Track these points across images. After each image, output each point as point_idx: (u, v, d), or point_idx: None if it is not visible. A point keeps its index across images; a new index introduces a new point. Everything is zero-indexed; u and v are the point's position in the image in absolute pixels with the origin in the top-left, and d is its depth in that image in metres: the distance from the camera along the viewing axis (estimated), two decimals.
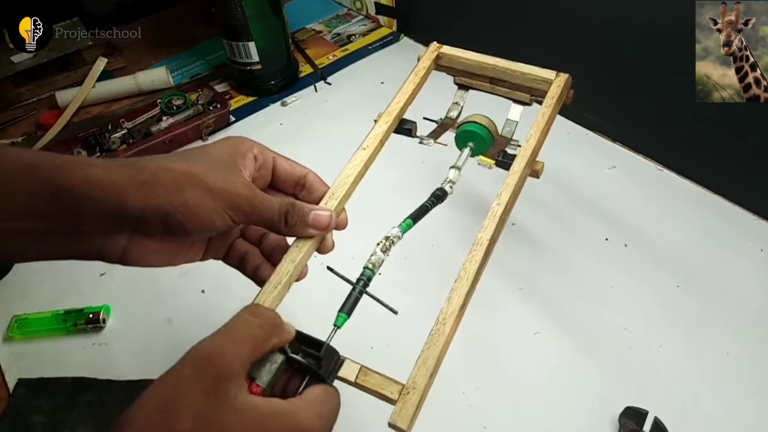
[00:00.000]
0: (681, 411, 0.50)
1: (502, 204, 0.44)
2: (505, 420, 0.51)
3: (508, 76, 0.54)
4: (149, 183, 0.33)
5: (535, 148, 0.48)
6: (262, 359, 0.34)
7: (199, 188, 0.34)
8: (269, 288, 0.39)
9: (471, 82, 0.57)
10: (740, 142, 0.65)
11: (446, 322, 0.39)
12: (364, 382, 0.37)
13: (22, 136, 0.85)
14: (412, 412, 0.35)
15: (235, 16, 0.80)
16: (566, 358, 0.55)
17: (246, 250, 0.42)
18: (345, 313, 0.40)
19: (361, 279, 0.42)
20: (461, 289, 0.40)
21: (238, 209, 0.35)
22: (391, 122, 0.50)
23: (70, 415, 0.53)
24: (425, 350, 0.38)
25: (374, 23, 1.05)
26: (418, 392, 0.36)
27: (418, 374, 0.37)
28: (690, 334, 0.56)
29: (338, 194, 0.44)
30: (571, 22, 0.73)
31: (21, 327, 0.60)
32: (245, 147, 0.38)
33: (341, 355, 0.37)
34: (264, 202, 0.37)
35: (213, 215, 0.35)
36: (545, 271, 0.62)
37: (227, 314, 0.64)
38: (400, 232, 0.45)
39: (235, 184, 0.36)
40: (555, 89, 0.52)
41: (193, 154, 0.37)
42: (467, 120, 0.53)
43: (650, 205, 0.68)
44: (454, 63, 0.56)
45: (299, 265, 0.41)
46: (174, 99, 0.84)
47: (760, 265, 0.61)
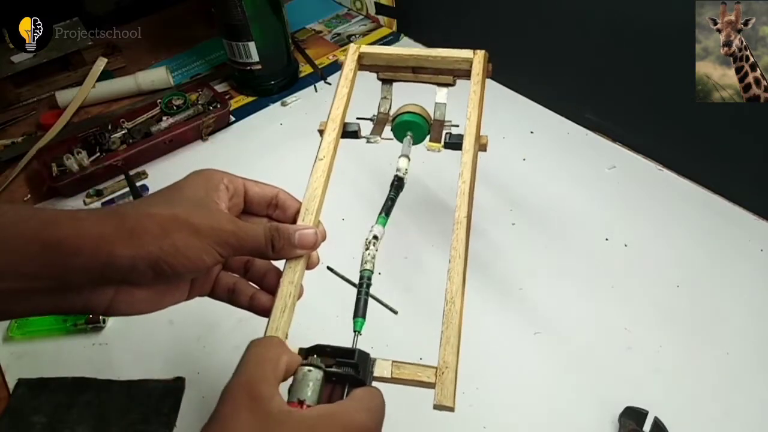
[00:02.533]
0: (681, 411, 0.50)
1: (467, 181, 0.46)
2: (505, 420, 0.50)
3: (430, 62, 0.56)
4: (136, 231, 0.33)
5: (478, 123, 0.51)
6: (301, 380, 0.35)
7: (186, 230, 0.34)
8: (277, 314, 0.39)
9: (394, 75, 0.58)
10: (740, 142, 0.65)
11: (455, 299, 0.41)
12: (399, 375, 0.38)
13: (22, 136, 0.85)
14: (452, 389, 0.37)
15: (235, 16, 0.80)
16: (566, 358, 0.55)
17: (234, 282, 0.42)
18: (362, 317, 0.41)
19: (362, 280, 0.43)
20: (458, 267, 0.42)
21: (226, 244, 0.36)
22: (337, 129, 0.52)
23: (70, 415, 0.53)
24: (445, 330, 0.40)
25: (374, 23, 1.05)
26: (451, 370, 0.38)
27: (446, 353, 0.39)
28: (690, 334, 0.56)
29: (312, 208, 0.45)
30: (572, 22, 0.73)
31: (21, 327, 0.60)
32: (216, 179, 0.39)
33: (371, 356, 0.38)
34: (248, 231, 0.37)
35: (202, 254, 0.35)
36: (545, 271, 0.62)
37: (227, 315, 0.64)
38: (380, 228, 0.46)
39: (218, 221, 0.36)
40: (477, 66, 0.54)
41: (170, 196, 0.37)
42: (400, 111, 0.55)
43: (650, 205, 0.68)
44: (375, 60, 0.57)
45: (298, 284, 0.42)
46: (174, 99, 0.84)
47: (760, 265, 0.61)
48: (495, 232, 0.66)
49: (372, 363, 0.38)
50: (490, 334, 0.57)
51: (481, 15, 0.85)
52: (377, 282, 0.59)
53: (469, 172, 0.47)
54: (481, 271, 0.62)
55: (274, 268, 0.42)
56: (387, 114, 0.58)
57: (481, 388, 0.53)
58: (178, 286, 0.39)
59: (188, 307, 0.40)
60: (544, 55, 0.80)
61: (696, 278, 0.60)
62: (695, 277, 0.61)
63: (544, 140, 0.77)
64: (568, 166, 0.74)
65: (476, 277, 0.62)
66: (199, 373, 0.55)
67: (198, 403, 0.53)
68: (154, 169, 0.79)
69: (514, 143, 0.76)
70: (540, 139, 0.78)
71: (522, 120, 0.81)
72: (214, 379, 0.54)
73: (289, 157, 0.79)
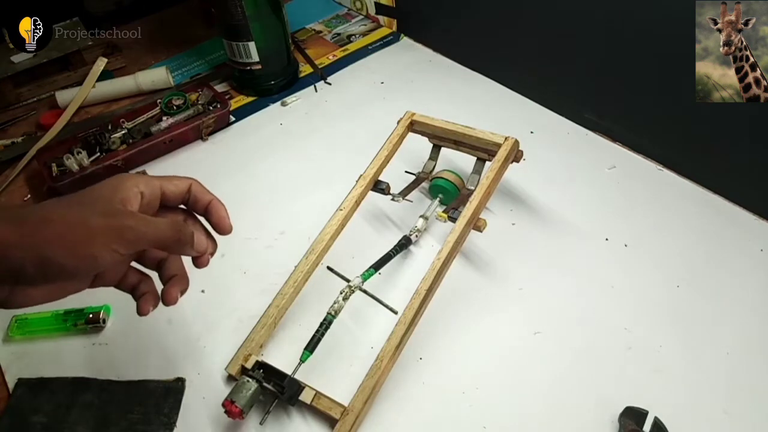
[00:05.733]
0: (681, 411, 0.50)
1: (441, 259, 0.52)
2: (505, 420, 0.50)
3: (467, 138, 0.62)
4: (30, 234, 0.34)
5: (477, 208, 0.56)
6: (240, 387, 0.47)
7: (80, 231, 0.35)
8: (258, 328, 0.53)
9: (440, 142, 0.66)
10: (740, 142, 0.65)
11: (383, 359, 0.48)
12: (317, 404, 0.48)
13: (22, 136, 0.85)
14: (348, 429, 0.46)
15: (235, 16, 0.80)
16: (566, 358, 0.55)
17: (139, 280, 0.44)
18: (308, 351, 0.49)
19: (324, 322, 0.50)
20: (399, 332, 0.49)
21: (124, 240, 0.36)
22: (366, 185, 0.61)
23: (70, 415, 0.53)
24: (365, 380, 0.48)
25: (374, 23, 1.05)
26: (354, 414, 0.46)
27: (357, 399, 0.47)
28: (690, 334, 0.56)
29: (317, 249, 0.56)
30: (572, 22, 0.73)
31: (21, 327, 0.60)
32: (129, 183, 0.40)
33: (302, 383, 0.48)
34: (150, 224, 0.38)
35: (96, 254, 0.35)
36: (545, 271, 0.62)
37: (227, 314, 0.64)
38: (361, 281, 0.53)
39: (118, 219, 0.37)
40: (503, 152, 0.59)
41: (77, 200, 0.38)
42: (439, 175, 0.64)
43: (650, 205, 0.68)
44: (424, 127, 0.65)
45: (283, 309, 0.54)
46: (174, 99, 0.84)
47: (760, 265, 0.61)
48: (495, 232, 0.66)
49: (301, 389, 0.48)
50: (490, 334, 0.57)
51: (481, 15, 0.85)
52: (377, 282, 0.60)
53: (447, 251, 0.53)
54: (481, 271, 0.62)
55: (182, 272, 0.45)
56: (429, 174, 0.66)
57: (481, 388, 0.53)
58: (75, 282, 0.39)
59: (188, 307, 0.40)
60: (544, 55, 0.80)
61: (696, 278, 0.60)
62: (695, 277, 0.61)
63: (544, 140, 0.77)
64: (568, 166, 0.74)
65: (476, 277, 0.62)
66: (199, 374, 0.55)
67: (198, 403, 0.53)
68: (154, 169, 0.79)
69: None
70: (540, 139, 0.78)
71: (522, 120, 0.81)
72: (214, 380, 0.54)
73: (289, 157, 0.79)
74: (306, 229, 0.64)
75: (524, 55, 0.83)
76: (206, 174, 0.78)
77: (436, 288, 0.52)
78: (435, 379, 0.53)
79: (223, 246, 0.47)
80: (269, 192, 0.74)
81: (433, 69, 0.93)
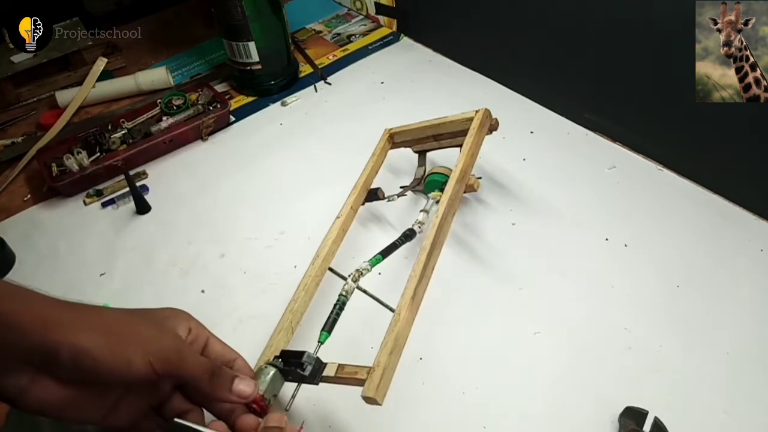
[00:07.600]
0: (681, 411, 0.50)
1: (440, 215, 0.53)
2: (505, 420, 0.50)
3: (443, 127, 0.63)
4: (76, 318, 0.32)
5: (463, 169, 0.57)
6: (258, 375, 0.44)
7: (127, 333, 0.33)
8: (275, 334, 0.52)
9: (423, 147, 0.68)
10: (740, 142, 0.65)
11: (401, 311, 0.47)
12: (342, 374, 0.45)
13: (22, 136, 0.85)
14: (377, 384, 0.43)
15: (235, 16, 0.80)
16: (566, 358, 0.55)
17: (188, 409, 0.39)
18: (326, 331, 0.48)
19: (337, 302, 0.50)
20: (411, 285, 0.49)
21: (165, 358, 0.34)
22: (357, 193, 0.64)
23: None
24: (387, 335, 0.46)
25: (374, 23, 1.05)
26: (381, 368, 0.44)
27: (381, 354, 0.45)
28: (690, 334, 0.56)
29: (322, 254, 0.57)
30: (571, 22, 0.73)
31: None
32: (183, 316, 0.39)
33: (323, 361, 0.46)
34: (191, 355, 0.36)
35: (132, 360, 0.32)
36: (545, 271, 0.62)
37: (227, 314, 0.64)
38: (369, 265, 0.53)
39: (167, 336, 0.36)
40: (475, 122, 0.60)
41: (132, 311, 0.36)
42: (432, 171, 0.65)
43: (650, 205, 0.68)
44: (403, 136, 0.67)
45: (297, 312, 0.54)
46: (174, 99, 0.84)
47: (760, 265, 0.61)
48: (495, 232, 0.66)
49: (323, 366, 0.46)
50: (490, 334, 0.57)
51: (481, 15, 0.85)
52: (377, 282, 0.60)
53: (443, 208, 0.53)
54: (481, 271, 0.62)
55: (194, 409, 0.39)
56: (420, 179, 0.67)
57: (481, 388, 0.53)
58: (98, 394, 0.34)
59: (188, 307, 0.40)
60: (544, 55, 0.80)
61: (696, 278, 0.60)
62: (695, 277, 0.61)
63: (544, 140, 0.77)
64: (568, 166, 0.74)
65: (476, 277, 0.62)
66: None
67: None
68: (154, 169, 0.79)
69: (514, 143, 0.76)
70: (540, 139, 0.78)
71: (522, 120, 0.81)
72: None
73: (289, 157, 0.79)
74: (306, 228, 0.64)
75: (524, 55, 0.83)
76: (206, 174, 0.78)
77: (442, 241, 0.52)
78: (435, 379, 0.53)
79: (223, 246, 0.47)
80: (269, 192, 0.74)
81: (433, 69, 0.93)
